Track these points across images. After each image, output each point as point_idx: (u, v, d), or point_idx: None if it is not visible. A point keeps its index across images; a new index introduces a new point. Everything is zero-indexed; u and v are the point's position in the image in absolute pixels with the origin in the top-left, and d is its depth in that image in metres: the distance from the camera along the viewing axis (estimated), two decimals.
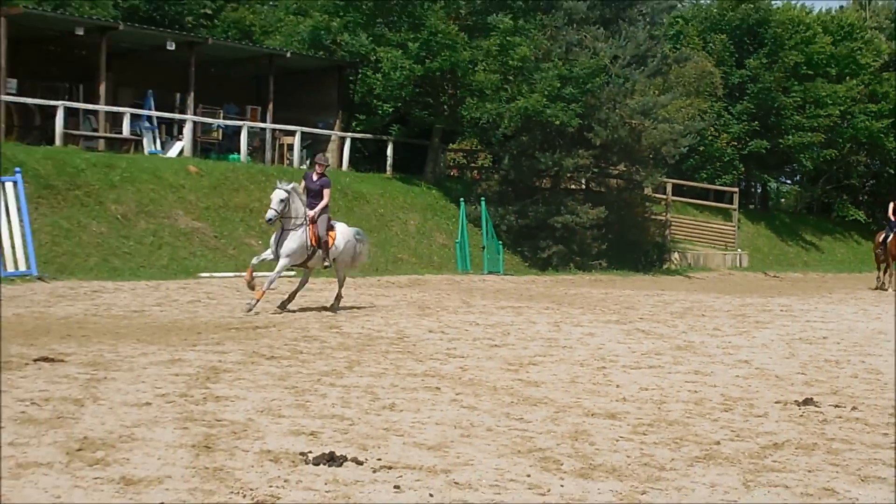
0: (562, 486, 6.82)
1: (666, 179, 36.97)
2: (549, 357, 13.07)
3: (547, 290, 24.95)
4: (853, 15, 49.72)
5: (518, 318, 17.68)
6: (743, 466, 7.58)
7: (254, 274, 15.17)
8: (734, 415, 9.66)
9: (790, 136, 42.85)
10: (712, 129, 39.79)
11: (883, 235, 29.79)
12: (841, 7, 51.26)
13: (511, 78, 31.21)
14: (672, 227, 37.56)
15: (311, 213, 15.61)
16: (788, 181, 49.94)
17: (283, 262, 15.38)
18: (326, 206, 16.35)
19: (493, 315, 17.96)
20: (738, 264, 39.12)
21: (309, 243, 15.54)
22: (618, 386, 11.03)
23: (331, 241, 16.19)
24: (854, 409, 10.15)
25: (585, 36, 31.49)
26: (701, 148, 39.66)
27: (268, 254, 15.78)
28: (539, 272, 30.51)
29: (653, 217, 36.60)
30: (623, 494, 6.66)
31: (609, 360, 12.97)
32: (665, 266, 35.12)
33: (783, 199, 50.97)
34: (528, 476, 7.02)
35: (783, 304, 23.73)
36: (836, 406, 10.27)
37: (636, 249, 34.08)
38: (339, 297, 17.04)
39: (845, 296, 27.70)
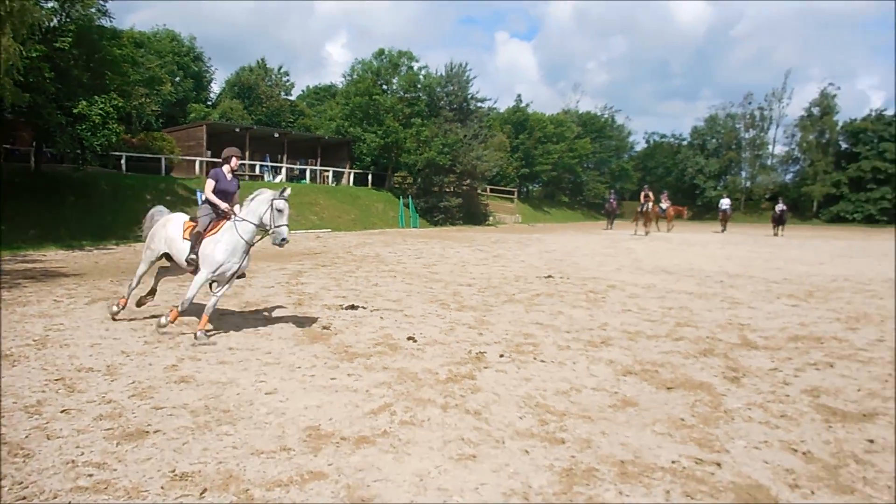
0: (450, 314, 6.85)
1: (487, 185, 37.09)
2: (441, 261, 13.04)
3: (437, 234, 24.85)
4: (562, 116, 50.28)
5: (426, 246, 17.55)
6: (524, 304, 7.70)
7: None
8: (520, 282, 9.79)
9: (538, 166, 43.67)
10: (505, 164, 39.84)
11: (640, 208, 26.05)
12: (557, 112, 51.47)
13: (421, 145, 30.65)
14: (490, 206, 37.56)
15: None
16: (537, 185, 50.01)
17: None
18: None
19: (415, 245, 17.82)
20: (517, 221, 39.52)
21: None
22: (470, 273, 11.06)
23: None
24: (568, 278, 10.37)
25: (452, 126, 31.17)
26: (500, 172, 39.76)
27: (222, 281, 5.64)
28: (434, 226, 30.43)
29: (482, 203, 36.54)
30: (476, 317, 6.72)
31: (466, 262, 13.00)
32: (487, 223, 35.26)
33: (534, 192, 51.14)
34: (437, 311, 7.03)
35: (537, 237, 24.11)
36: (561, 277, 10.50)
37: (475, 216, 34.03)
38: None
39: (563, 233, 28.24)
